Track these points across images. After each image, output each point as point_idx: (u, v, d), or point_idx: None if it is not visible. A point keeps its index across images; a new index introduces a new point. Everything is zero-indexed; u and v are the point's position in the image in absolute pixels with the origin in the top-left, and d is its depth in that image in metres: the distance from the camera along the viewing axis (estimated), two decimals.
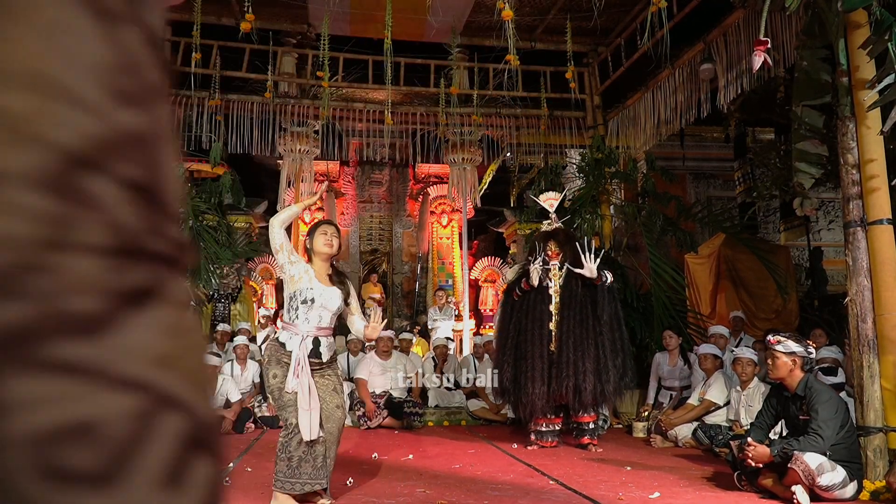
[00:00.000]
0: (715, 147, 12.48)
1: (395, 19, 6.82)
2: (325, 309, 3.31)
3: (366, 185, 12.41)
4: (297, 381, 3.19)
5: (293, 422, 3.16)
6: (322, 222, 3.54)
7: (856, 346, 3.82)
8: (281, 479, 3.16)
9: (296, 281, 3.29)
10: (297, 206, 3.51)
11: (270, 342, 3.38)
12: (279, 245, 3.31)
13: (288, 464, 3.14)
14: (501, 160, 11.80)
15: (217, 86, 7.77)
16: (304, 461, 3.15)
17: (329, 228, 3.47)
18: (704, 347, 5.61)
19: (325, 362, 3.34)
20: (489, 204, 12.95)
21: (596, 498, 3.46)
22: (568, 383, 4.96)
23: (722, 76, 6.05)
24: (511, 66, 6.28)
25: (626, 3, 7.39)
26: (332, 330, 3.42)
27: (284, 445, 3.17)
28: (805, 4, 4.00)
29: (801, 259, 11.47)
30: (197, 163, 8.82)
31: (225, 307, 10.10)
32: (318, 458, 3.20)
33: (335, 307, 3.36)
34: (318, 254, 3.40)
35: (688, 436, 5.23)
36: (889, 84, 3.47)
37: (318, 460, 3.19)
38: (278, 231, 3.32)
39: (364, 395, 6.51)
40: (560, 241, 5.43)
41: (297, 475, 3.14)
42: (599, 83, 8.59)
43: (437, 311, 10.72)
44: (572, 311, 5.16)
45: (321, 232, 3.43)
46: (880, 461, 3.64)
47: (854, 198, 3.87)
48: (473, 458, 4.75)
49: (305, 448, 3.15)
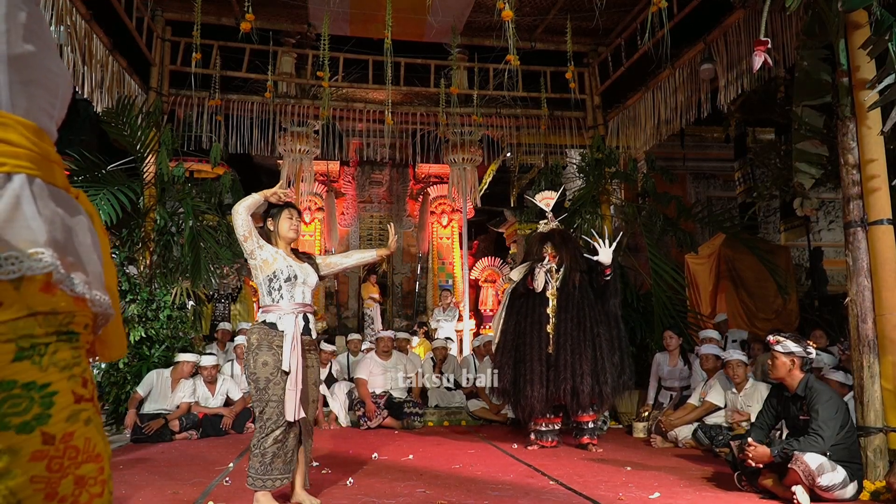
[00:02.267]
0: (715, 147, 12.49)
1: (395, 19, 6.81)
2: (305, 285, 3.32)
3: (366, 185, 12.42)
4: (292, 360, 3.14)
5: (273, 417, 3.11)
6: (287, 205, 3.39)
7: (856, 346, 3.82)
8: (253, 475, 3.12)
9: (270, 264, 3.24)
10: (258, 194, 3.32)
11: (256, 327, 3.26)
12: (247, 231, 3.22)
13: (261, 460, 3.11)
14: (501, 160, 11.82)
15: (217, 86, 7.77)
16: (277, 457, 3.14)
17: (294, 212, 3.41)
18: (706, 348, 5.61)
19: (314, 340, 3.40)
20: (489, 204, 12.97)
21: (596, 498, 3.46)
22: (566, 385, 4.96)
23: (722, 76, 6.05)
24: (511, 66, 6.27)
25: (626, 3, 7.38)
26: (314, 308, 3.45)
27: (260, 442, 3.12)
28: (805, 4, 4.00)
29: (801, 259, 11.47)
30: (197, 163, 8.82)
31: (225, 307, 10.11)
32: (289, 452, 3.20)
33: (314, 282, 3.38)
34: (282, 238, 3.38)
35: (688, 436, 5.23)
36: (889, 84, 3.47)
37: (288, 455, 3.19)
38: (245, 218, 3.23)
39: (364, 395, 6.51)
40: (556, 242, 5.43)
41: (269, 472, 3.12)
42: (599, 83, 8.58)
43: (440, 312, 10.74)
44: (569, 313, 5.16)
45: (287, 216, 3.38)
46: (880, 461, 3.64)
47: (854, 198, 3.87)
48: (473, 458, 4.75)
49: (279, 444, 3.13)
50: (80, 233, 0.82)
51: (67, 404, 0.73)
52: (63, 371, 0.73)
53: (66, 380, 0.73)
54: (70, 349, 0.74)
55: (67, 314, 0.75)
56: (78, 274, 0.77)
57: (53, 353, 0.72)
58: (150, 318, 6.28)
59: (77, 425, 0.74)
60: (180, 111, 7.78)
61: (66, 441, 0.72)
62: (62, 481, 0.71)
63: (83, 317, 0.78)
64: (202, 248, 6.60)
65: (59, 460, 0.71)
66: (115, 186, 6.09)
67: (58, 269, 0.73)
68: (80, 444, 0.74)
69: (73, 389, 0.74)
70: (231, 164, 9.52)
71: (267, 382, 3.13)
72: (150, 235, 6.77)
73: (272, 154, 8.56)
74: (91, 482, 0.75)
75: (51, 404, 0.71)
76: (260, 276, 3.28)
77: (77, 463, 0.73)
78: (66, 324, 0.74)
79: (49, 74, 0.82)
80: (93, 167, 6.28)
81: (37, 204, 0.74)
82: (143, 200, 6.68)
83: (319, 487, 3.71)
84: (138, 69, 6.96)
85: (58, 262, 0.74)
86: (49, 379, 0.71)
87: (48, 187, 0.77)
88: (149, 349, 6.25)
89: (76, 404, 0.74)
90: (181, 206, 6.87)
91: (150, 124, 6.79)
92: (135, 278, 6.56)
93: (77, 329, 0.76)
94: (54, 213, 0.77)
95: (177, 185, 6.99)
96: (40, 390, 0.70)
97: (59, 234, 0.76)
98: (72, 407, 0.73)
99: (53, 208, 0.77)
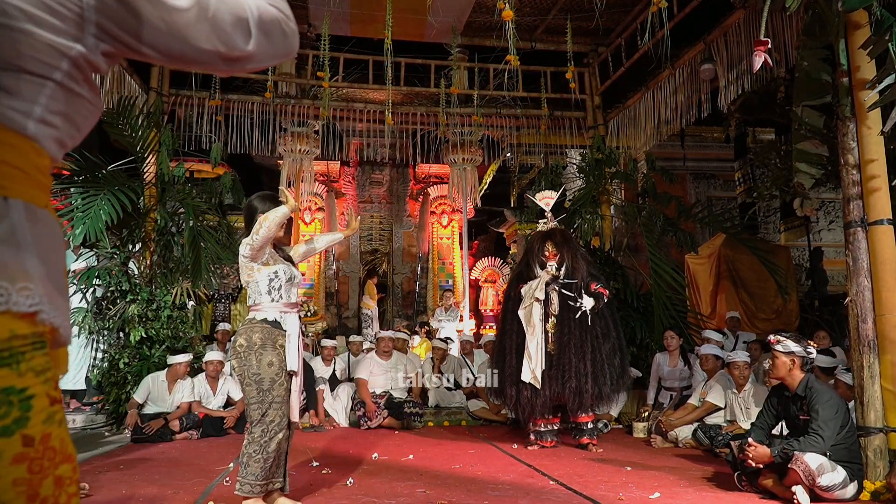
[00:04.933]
0: (715, 147, 12.49)
1: (395, 19, 6.82)
2: (298, 286, 3.34)
3: (366, 185, 12.42)
4: (297, 360, 3.10)
5: (277, 419, 3.04)
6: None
7: (856, 346, 3.82)
8: (252, 482, 3.00)
9: (270, 264, 3.20)
10: (287, 207, 3.17)
11: (257, 325, 3.11)
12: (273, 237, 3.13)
13: (263, 465, 3.01)
14: (502, 160, 11.82)
15: (217, 86, 7.77)
16: (277, 460, 3.09)
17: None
18: (706, 348, 5.61)
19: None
20: (489, 204, 12.97)
21: (596, 498, 3.46)
22: (570, 385, 4.96)
23: (722, 76, 6.05)
24: (511, 66, 6.27)
25: (626, 3, 7.39)
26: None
27: (263, 447, 3.01)
28: (805, 4, 4.00)
29: (801, 259, 11.47)
30: (197, 163, 8.82)
31: (225, 307, 10.12)
32: (282, 454, 3.16)
33: (300, 281, 3.40)
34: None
35: (688, 436, 5.23)
36: (889, 84, 3.47)
37: (281, 457, 3.16)
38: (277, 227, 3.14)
39: (364, 395, 6.51)
40: (557, 241, 5.43)
41: (268, 476, 3.06)
42: (599, 83, 8.59)
43: (442, 312, 10.74)
44: (571, 312, 5.16)
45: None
46: (880, 461, 3.64)
47: (854, 198, 3.87)
48: (473, 458, 4.75)
49: (279, 447, 3.07)
50: (60, 260, 0.83)
51: (44, 407, 0.74)
52: (39, 375, 0.74)
53: (42, 384, 0.75)
54: (42, 356, 0.76)
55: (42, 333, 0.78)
56: (56, 302, 0.78)
57: (30, 359, 0.74)
58: (150, 318, 6.28)
59: (53, 427, 0.75)
60: (180, 111, 7.78)
61: (44, 443, 0.73)
62: (43, 482, 0.72)
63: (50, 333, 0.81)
64: (202, 249, 6.60)
65: (40, 462, 0.72)
66: (116, 186, 6.09)
67: (43, 306, 0.75)
68: (57, 444, 0.75)
69: (47, 392, 0.75)
70: (231, 164, 9.52)
71: (272, 383, 3.04)
72: (151, 235, 6.77)
73: (272, 154, 8.56)
74: (68, 482, 0.76)
75: (29, 408, 0.72)
76: (262, 273, 3.18)
77: (55, 464, 0.74)
78: (38, 335, 0.76)
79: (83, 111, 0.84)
80: (93, 167, 6.28)
81: (31, 233, 0.75)
82: (143, 200, 6.69)
83: (319, 487, 3.72)
84: (138, 69, 6.96)
85: (45, 300, 0.75)
86: (27, 383, 0.72)
87: (41, 212, 0.78)
88: (149, 349, 6.25)
89: (51, 406, 0.75)
90: (181, 207, 6.87)
91: (150, 124, 6.79)
92: (135, 278, 6.57)
93: (46, 339, 0.78)
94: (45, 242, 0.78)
95: (177, 186, 6.99)
96: (19, 394, 0.71)
97: (47, 266, 0.77)
98: (48, 409, 0.75)
99: (45, 236, 0.78)
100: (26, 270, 0.74)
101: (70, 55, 0.78)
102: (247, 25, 0.88)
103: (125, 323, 6.24)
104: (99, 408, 6.62)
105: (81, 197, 5.92)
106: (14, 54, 0.73)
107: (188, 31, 0.84)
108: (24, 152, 0.76)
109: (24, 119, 0.76)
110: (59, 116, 0.80)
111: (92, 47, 0.81)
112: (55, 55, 0.77)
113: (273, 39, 0.92)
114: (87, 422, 6.46)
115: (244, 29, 0.88)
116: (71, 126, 0.83)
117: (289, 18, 0.95)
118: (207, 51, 0.87)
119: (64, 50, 0.78)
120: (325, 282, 11.60)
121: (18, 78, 0.75)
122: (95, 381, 6.51)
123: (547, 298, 5.22)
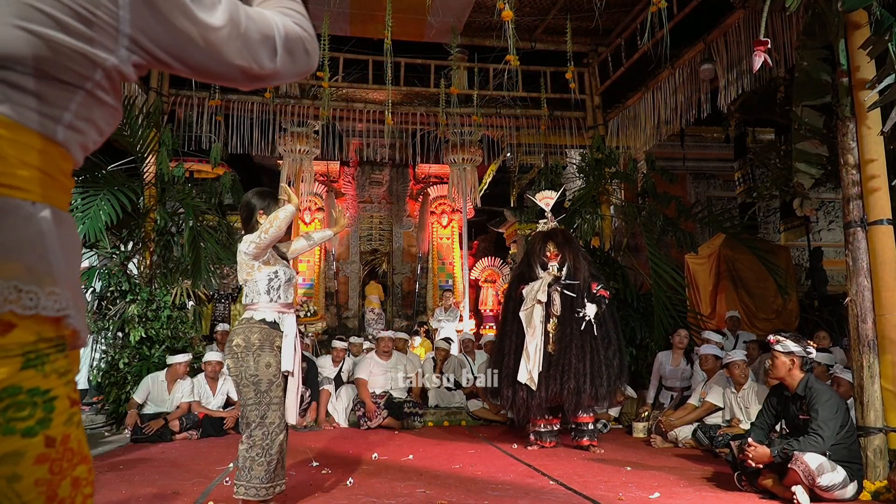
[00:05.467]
0: (715, 147, 12.48)
1: (395, 19, 6.81)
2: (294, 286, 3.36)
3: (366, 185, 12.41)
4: (292, 361, 3.08)
5: (276, 421, 3.02)
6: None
7: (856, 346, 3.82)
8: (257, 486, 2.96)
9: (271, 263, 3.18)
10: (292, 206, 3.19)
11: (255, 325, 3.07)
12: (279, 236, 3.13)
13: (267, 468, 2.98)
14: (501, 160, 11.81)
15: (217, 86, 7.77)
16: (280, 461, 3.06)
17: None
18: (706, 348, 5.61)
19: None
20: (489, 204, 12.97)
21: (596, 498, 3.46)
22: (569, 385, 4.96)
23: (722, 76, 6.05)
24: (511, 66, 6.27)
25: (626, 3, 7.39)
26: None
27: (266, 449, 2.97)
28: (805, 4, 4.00)
29: (801, 259, 11.47)
30: (197, 163, 8.82)
31: (225, 307, 10.12)
32: (283, 455, 3.13)
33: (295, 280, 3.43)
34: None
35: (688, 436, 5.23)
36: (889, 84, 3.47)
37: (283, 458, 3.13)
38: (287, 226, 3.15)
39: (364, 395, 6.51)
40: (559, 242, 5.43)
41: (273, 478, 3.01)
42: (599, 83, 8.59)
43: (442, 312, 10.74)
44: (572, 312, 5.16)
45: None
46: (880, 461, 3.64)
47: (854, 198, 3.87)
48: (473, 458, 4.75)
49: (281, 448, 3.05)
50: (79, 262, 0.85)
51: (65, 408, 0.76)
52: (61, 377, 0.76)
53: (64, 385, 0.76)
54: (63, 358, 0.78)
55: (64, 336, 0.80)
56: (79, 305, 0.80)
57: (54, 361, 0.75)
58: (150, 318, 6.28)
59: (72, 428, 0.76)
60: (180, 111, 7.78)
61: (64, 444, 0.75)
62: (62, 483, 0.74)
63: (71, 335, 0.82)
64: (202, 249, 6.60)
65: (59, 462, 0.74)
66: (116, 187, 6.09)
67: (70, 311, 0.77)
68: (75, 446, 0.76)
69: (68, 394, 0.77)
70: (231, 164, 9.52)
71: (269, 385, 3.02)
72: (151, 235, 6.77)
73: (272, 154, 8.56)
74: (84, 483, 0.77)
75: (52, 409, 0.74)
76: (262, 272, 3.15)
77: (73, 465, 0.76)
78: (61, 337, 0.78)
79: (108, 118, 0.86)
80: (93, 167, 6.28)
81: (57, 237, 0.77)
82: (143, 201, 6.69)
83: (319, 487, 3.72)
84: None
85: (71, 304, 0.77)
86: (50, 385, 0.74)
87: (64, 215, 0.80)
88: (149, 349, 6.25)
89: (71, 408, 0.77)
90: (181, 207, 6.87)
91: (150, 124, 6.79)
92: (135, 278, 6.56)
93: (67, 341, 0.80)
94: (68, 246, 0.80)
95: (177, 186, 6.99)
96: (43, 395, 0.73)
97: (70, 269, 0.79)
98: (69, 410, 0.76)
99: (68, 239, 0.80)
100: (53, 275, 0.75)
101: (104, 66, 0.80)
102: (273, 44, 0.90)
103: (125, 323, 6.24)
104: (99, 408, 6.63)
105: (81, 197, 5.92)
106: (50, 63, 0.75)
107: (222, 48, 0.86)
108: (53, 157, 0.78)
109: (55, 125, 0.77)
110: (87, 122, 0.82)
111: (124, 59, 0.82)
112: (89, 66, 0.78)
113: (296, 57, 0.94)
114: (87, 422, 6.45)
115: (271, 47, 0.90)
116: (95, 131, 0.84)
117: (312, 37, 0.97)
118: (235, 66, 0.88)
119: (98, 61, 0.79)
120: (324, 282, 11.60)
121: (52, 85, 0.76)
122: (95, 381, 6.51)
123: (549, 299, 5.21)
